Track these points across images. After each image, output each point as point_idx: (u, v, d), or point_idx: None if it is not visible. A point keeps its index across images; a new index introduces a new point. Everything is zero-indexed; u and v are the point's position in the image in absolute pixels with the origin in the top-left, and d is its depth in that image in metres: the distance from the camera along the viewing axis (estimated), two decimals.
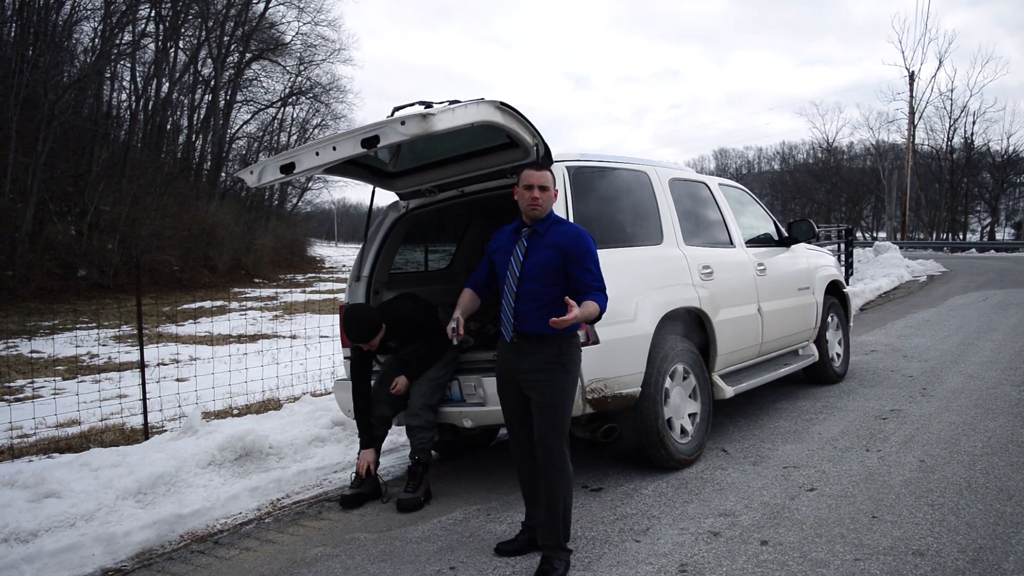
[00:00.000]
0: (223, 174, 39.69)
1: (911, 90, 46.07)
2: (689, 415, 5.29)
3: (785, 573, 3.49)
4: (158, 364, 11.03)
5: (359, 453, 5.13)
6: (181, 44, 36.02)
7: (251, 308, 20.21)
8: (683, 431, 5.22)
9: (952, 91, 60.22)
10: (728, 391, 5.64)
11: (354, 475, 5.10)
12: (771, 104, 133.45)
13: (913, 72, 46.60)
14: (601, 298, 3.73)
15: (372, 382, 5.26)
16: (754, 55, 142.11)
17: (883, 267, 21.35)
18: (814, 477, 4.80)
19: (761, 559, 3.66)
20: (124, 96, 33.83)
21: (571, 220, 4.71)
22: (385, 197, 5.88)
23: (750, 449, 5.54)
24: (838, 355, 7.80)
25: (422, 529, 4.46)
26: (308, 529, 4.64)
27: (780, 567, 3.55)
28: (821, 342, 7.38)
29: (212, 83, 38.24)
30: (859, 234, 55.71)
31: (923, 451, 5.18)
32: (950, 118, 53.73)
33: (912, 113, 46.31)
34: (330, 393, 7.62)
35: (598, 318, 3.73)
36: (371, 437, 5.14)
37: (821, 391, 7.31)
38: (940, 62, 72.05)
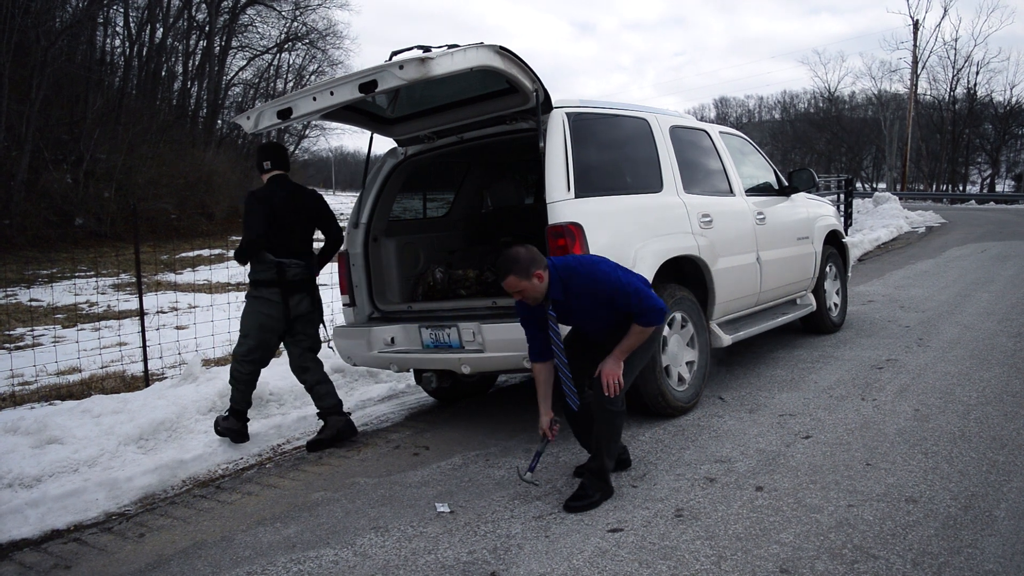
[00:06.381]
0: (219, 121, 39.22)
1: (915, 39, 45.30)
2: (687, 363, 5.31)
3: (779, 518, 3.54)
4: (157, 312, 11.07)
5: None
6: None
7: None
8: (680, 379, 5.24)
9: (956, 40, 59.45)
10: (726, 339, 5.67)
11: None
12: (774, 52, 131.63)
13: (917, 20, 45.91)
14: (645, 314, 3.78)
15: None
16: (760, 2, 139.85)
17: (882, 218, 21.29)
18: (810, 425, 4.85)
19: (756, 504, 3.71)
20: (118, 42, 33.34)
21: (570, 169, 4.67)
22: (383, 144, 5.83)
23: (747, 397, 5.58)
24: (836, 305, 7.82)
25: (421, 474, 4.51)
26: (309, 474, 4.69)
27: (774, 512, 3.60)
28: (819, 292, 7.38)
29: (207, 28, 37.54)
30: (859, 184, 55.32)
31: (918, 400, 5.21)
32: (953, 68, 52.91)
33: (915, 62, 45.62)
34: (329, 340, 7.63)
35: (653, 326, 3.83)
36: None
37: (818, 340, 7.34)
38: (945, 10, 70.08)
